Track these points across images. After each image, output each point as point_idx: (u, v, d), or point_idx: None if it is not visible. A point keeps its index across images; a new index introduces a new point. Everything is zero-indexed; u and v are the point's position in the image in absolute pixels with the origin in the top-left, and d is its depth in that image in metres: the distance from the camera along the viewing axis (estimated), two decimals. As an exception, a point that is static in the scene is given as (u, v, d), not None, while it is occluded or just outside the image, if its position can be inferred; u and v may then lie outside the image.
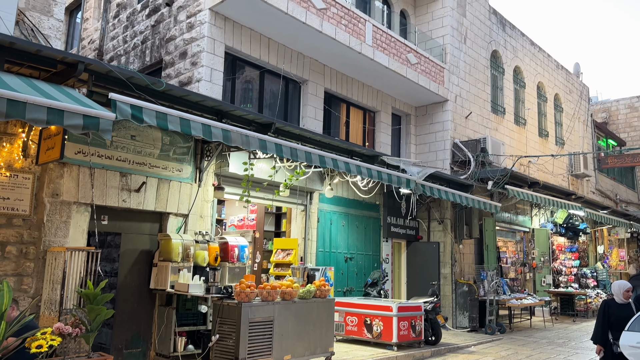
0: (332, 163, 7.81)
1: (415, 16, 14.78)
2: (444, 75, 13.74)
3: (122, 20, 11.54)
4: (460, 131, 14.06)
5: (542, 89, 18.88)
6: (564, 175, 19.12)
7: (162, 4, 10.29)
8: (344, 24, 10.64)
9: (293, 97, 11.21)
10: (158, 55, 10.24)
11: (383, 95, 13.30)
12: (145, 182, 7.12)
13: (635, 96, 27.73)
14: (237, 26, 9.68)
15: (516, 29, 17.50)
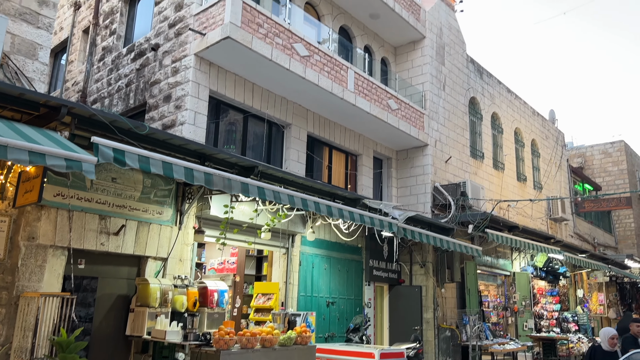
0: (314, 206, 7.84)
1: (395, 64, 15.23)
2: (424, 121, 14.05)
3: (107, 63, 11.66)
4: (440, 175, 14.28)
5: (519, 135, 19.39)
6: (543, 219, 19.40)
7: (148, 49, 10.46)
8: (326, 71, 10.90)
9: (276, 140, 11.32)
10: (142, 98, 10.31)
11: (365, 139, 13.52)
12: (124, 225, 7.04)
13: (609, 142, 28.62)
14: (222, 71, 9.85)
15: (493, 77, 18.11)
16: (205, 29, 9.25)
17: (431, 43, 14.91)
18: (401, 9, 13.83)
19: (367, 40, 14.31)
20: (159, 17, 10.48)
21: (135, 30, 11.59)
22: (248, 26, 9.19)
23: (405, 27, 14.28)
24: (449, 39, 15.82)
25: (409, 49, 15.06)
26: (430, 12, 15.16)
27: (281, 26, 9.92)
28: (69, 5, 13.67)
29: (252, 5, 9.33)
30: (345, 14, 13.56)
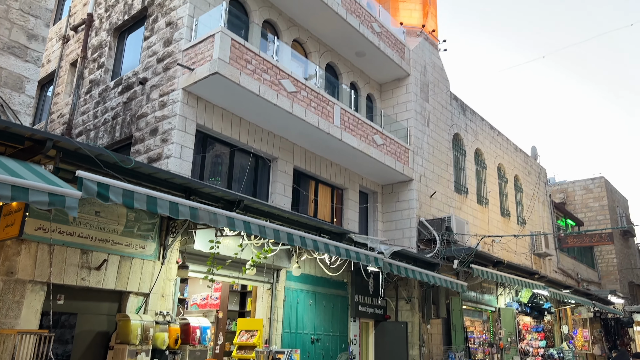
0: (300, 241, 7.80)
1: (381, 100, 15.50)
2: (408, 156, 14.22)
3: (94, 96, 11.69)
4: (425, 210, 14.37)
5: (502, 171, 19.68)
6: (527, 254, 19.51)
7: (136, 82, 10.52)
8: (313, 106, 11.05)
9: (262, 174, 11.34)
10: (128, 131, 10.31)
11: (351, 173, 13.60)
12: (106, 260, 6.92)
13: (589, 178, 29.17)
14: (210, 105, 9.93)
15: (476, 114, 18.50)
16: (194, 64, 9.36)
17: (415, 80, 15.24)
18: (386, 48, 14.17)
19: (353, 77, 14.58)
20: (148, 51, 10.60)
21: (124, 64, 11.68)
22: (236, 62, 9.33)
23: (391, 65, 14.61)
24: (432, 76, 16.19)
25: (394, 86, 15.37)
26: (415, 51, 15.56)
27: (269, 63, 10.08)
28: (57, 38, 13.76)
29: (241, 42, 9.49)
30: (332, 52, 13.85)
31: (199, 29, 9.81)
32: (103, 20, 12.42)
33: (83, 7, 13.34)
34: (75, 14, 13.61)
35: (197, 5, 10.12)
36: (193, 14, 10.01)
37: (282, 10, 12.28)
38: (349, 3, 13.05)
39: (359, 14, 13.43)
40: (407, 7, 16.57)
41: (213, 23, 9.57)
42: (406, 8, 16.55)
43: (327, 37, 13.37)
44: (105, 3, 12.55)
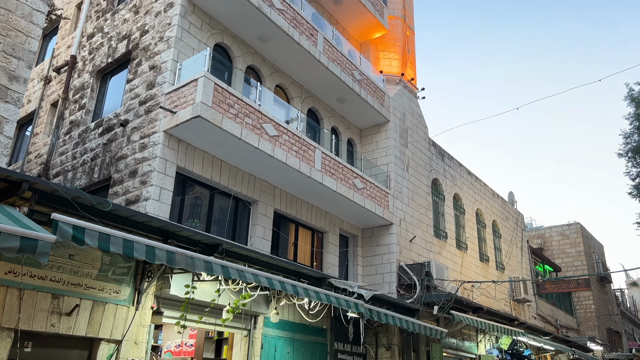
0: (279, 285, 7.69)
1: (361, 144, 15.72)
2: (388, 200, 14.32)
3: (74, 137, 11.61)
4: (405, 254, 14.36)
5: (480, 216, 19.91)
6: (506, 300, 19.49)
7: (117, 124, 10.51)
8: (294, 150, 11.14)
9: (242, 216, 11.26)
10: (107, 172, 10.21)
11: (331, 217, 13.60)
12: (78, 305, 6.69)
13: (566, 224, 29.64)
14: (191, 148, 9.94)
15: (454, 159, 18.84)
16: (176, 107, 9.42)
17: (395, 127, 15.55)
18: (367, 95, 14.50)
19: (334, 122, 14.82)
20: (130, 94, 10.65)
21: (105, 106, 11.69)
22: (219, 106, 9.42)
23: (371, 111, 14.91)
24: (411, 123, 16.55)
25: (374, 132, 15.63)
26: (394, 98, 15.94)
27: (251, 107, 10.21)
28: (39, 79, 13.77)
29: (224, 86, 9.62)
30: (314, 97, 14.11)
31: (182, 73, 9.94)
32: (86, 62, 12.50)
33: (67, 49, 13.44)
34: (59, 56, 13.69)
35: (181, 50, 10.29)
36: (177, 58, 10.16)
37: (265, 57, 12.55)
38: (330, 51, 13.41)
39: (340, 62, 13.79)
40: (387, 56, 17.09)
41: (197, 68, 9.72)
42: (386, 57, 17.07)
43: (310, 83, 13.64)
44: (90, 46, 12.67)
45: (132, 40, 11.35)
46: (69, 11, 14.46)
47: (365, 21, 16.17)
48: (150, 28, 10.93)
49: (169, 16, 10.56)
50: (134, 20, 11.58)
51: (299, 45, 12.13)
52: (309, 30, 12.64)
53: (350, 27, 16.41)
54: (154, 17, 10.96)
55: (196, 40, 10.69)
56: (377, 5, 16.39)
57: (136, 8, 11.69)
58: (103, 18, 12.70)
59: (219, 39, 11.37)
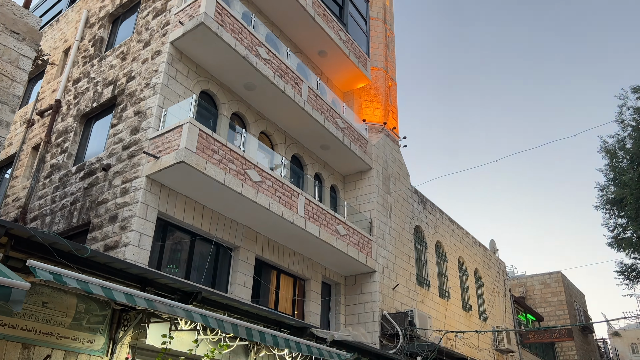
0: (259, 336, 7.50)
1: (344, 191, 15.80)
2: (371, 247, 14.28)
3: (54, 180, 11.48)
4: (388, 302, 14.19)
5: (463, 264, 19.91)
6: (490, 350, 19.24)
7: (99, 169, 10.44)
8: (278, 196, 11.14)
9: (223, 263, 11.09)
10: (87, 217, 10.05)
11: (314, 263, 13.47)
12: (49, 355, 6.42)
13: (547, 272, 29.76)
14: (173, 193, 9.88)
15: (436, 207, 19.00)
16: (160, 153, 9.42)
17: (377, 174, 15.71)
18: (350, 142, 14.71)
19: (318, 169, 14.93)
20: (114, 138, 10.65)
21: (88, 150, 11.65)
22: (203, 152, 9.45)
23: (354, 158, 15.08)
24: (394, 170, 16.75)
25: (357, 178, 15.76)
26: (377, 146, 16.19)
27: (236, 153, 10.26)
28: (21, 122, 13.71)
29: (208, 133, 9.69)
30: (298, 144, 14.26)
31: (167, 119, 10.00)
32: (71, 106, 12.53)
33: (52, 93, 13.49)
34: (43, 99, 13.71)
35: (167, 97, 10.39)
36: (162, 104, 10.25)
37: (251, 104, 12.74)
38: (315, 100, 13.68)
39: (325, 110, 14.04)
40: (370, 105, 17.48)
41: (182, 114, 9.80)
42: (369, 107, 17.45)
43: (294, 130, 13.82)
44: (75, 90, 12.74)
45: (118, 86, 11.45)
46: (56, 56, 14.60)
47: (349, 72, 16.61)
48: (136, 74, 11.07)
49: (156, 63, 10.73)
50: (121, 66, 11.73)
51: (284, 94, 12.36)
52: (294, 79, 12.92)
53: (334, 77, 16.83)
54: (141, 64, 11.12)
55: (182, 87, 10.83)
56: (360, 57, 16.90)
57: (124, 55, 11.87)
58: (90, 64, 12.84)
59: (205, 86, 11.54)
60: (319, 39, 15.19)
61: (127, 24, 13.01)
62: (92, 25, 13.81)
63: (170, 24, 11.05)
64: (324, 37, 15.16)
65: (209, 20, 10.42)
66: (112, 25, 13.51)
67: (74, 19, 14.79)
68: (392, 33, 19.64)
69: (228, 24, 11.04)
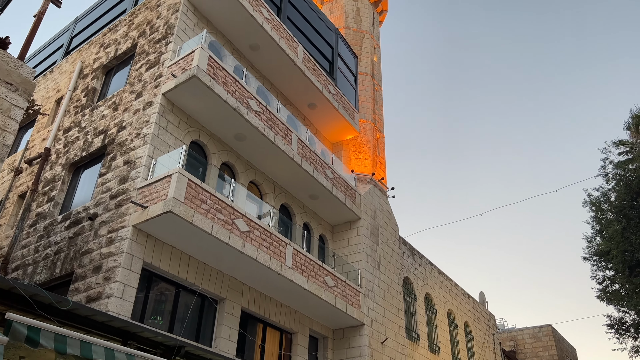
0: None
1: (333, 241, 15.73)
2: (360, 299, 14.08)
3: (39, 229, 11.32)
4: (377, 357, 13.85)
5: (452, 316, 19.64)
6: (482, 407, 18.68)
7: (85, 218, 10.35)
8: (265, 246, 11.06)
9: (208, 315, 10.84)
10: (70, 267, 9.87)
11: (301, 316, 13.21)
12: (22, 415, 6.13)
13: (537, 326, 29.40)
14: (159, 243, 9.77)
15: (424, 258, 18.93)
16: (148, 202, 9.39)
17: (366, 224, 15.72)
18: (338, 192, 14.80)
19: (307, 218, 14.91)
20: (102, 187, 10.62)
21: (75, 199, 11.57)
22: (191, 202, 9.44)
23: (342, 208, 15.12)
24: (382, 221, 16.78)
25: (345, 228, 15.74)
26: (365, 196, 16.28)
27: (224, 203, 10.25)
28: (9, 170, 13.66)
29: (197, 182, 9.71)
30: (287, 194, 14.30)
31: (157, 169, 10.03)
32: (60, 155, 12.55)
33: (42, 142, 13.53)
34: (33, 148, 13.73)
35: (157, 147, 10.47)
36: (152, 154, 10.31)
37: (241, 154, 12.85)
38: (304, 151, 13.85)
39: (314, 160, 14.19)
40: (358, 156, 17.71)
41: (172, 164, 9.85)
42: (357, 157, 17.68)
43: (283, 180, 13.90)
44: (65, 139, 12.80)
45: (108, 136, 11.53)
46: (47, 105, 14.75)
47: (338, 124, 16.93)
48: (128, 124, 11.18)
49: (147, 114, 10.87)
50: (113, 116, 11.86)
51: (274, 145, 12.51)
52: (284, 130, 13.13)
53: (323, 128, 17.12)
54: (132, 114, 11.26)
55: (173, 138, 10.94)
56: (349, 110, 17.27)
57: (115, 105, 12.03)
58: (81, 113, 12.97)
59: (196, 136, 11.66)
60: (309, 92, 15.55)
61: (120, 76, 13.25)
62: (85, 76, 14.05)
63: (163, 76, 11.28)
64: (313, 91, 15.53)
65: (201, 74, 10.67)
66: (106, 76, 13.76)
67: (68, 69, 15.05)
68: (380, 87, 20.19)
69: (220, 77, 11.30)
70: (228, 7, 12.77)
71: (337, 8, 21.09)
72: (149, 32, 12.72)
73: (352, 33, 20.30)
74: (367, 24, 20.87)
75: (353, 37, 20.21)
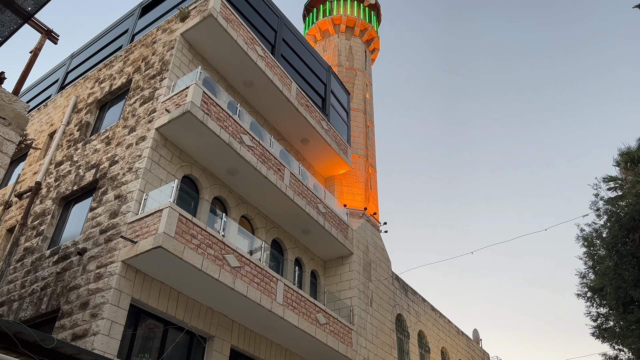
0: None
1: (325, 277, 15.58)
2: (352, 337, 13.85)
3: (26, 264, 11.16)
4: (369, 397, 13.52)
5: (446, 355, 19.32)
6: None
7: (74, 253, 10.22)
8: (256, 282, 10.93)
9: (196, 353, 10.59)
10: (56, 303, 9.68)
11: (292, 354, 12.94)
12: None
13: (532, 363, 28.89)
14: (148, 279, 9.64)
15: (417, 294, 18.75)
16: (138, 237, 9.31)
17: (358, 259, 15.62)
18: (331, 227, 14.75)
19: (298, 253, 14.80)
20: (92, 222, 10.54)
21: (64, 233, 11.45)
22: (181, 237, 9.37)
23: (335, 244, 15.04)
24: (375, 256, 16.69)
25: (337, 264, 15.62)
26: (358, 231, 16.24)
27: (215, 237, 10.18)
28: (-1, 203, 13.55)
29: (188, 217, 9.67)
30: (279, 228, 14.24)
31: (148, 203, 9.99)
32: (51, 189, 12.49)
33: (33, 176, 13.48)
34: (24, 181, 13.66)
35: (148, 181, 10.46)
36: (144, 188, 10.29)
37: (233, 188, 12.85)
38: (296, 185, 13.87)
39: (306, 195, 14.20)
40: (351, 191, 17.76)
41: (163, 198, 9.82)
42: (349, 192, 17.72)
43: (275, 215, 13.86)
44: (57, 173, 12.77)
45: (100, 170, 11.52)
46: (40, 139, 14.77)
47: (331, 159, 17.03)
48: (120, 159, 11.19)
49: (140, 148, 10.90)
50: (105, 150, 11.88)
51: (266, 179, 12.54)
52: (277, 165, 13.18)
53: (316, 163, 17.21)
54: (125, 149, 11.29)
55: (165, 172, 10.95)
56: (341, 145, 17.42)
57: (108, 139, 12.07)
58: (74, 147, 12.99)
59: (188, 171, 11.68)
60: (302, 127, 15.70)
61: (114, 110, 13.35)
62: (79, 110, 14.14)
63: (156, 111, 11.38)
64: (306, 126, 15.69)
65: (195, 109, 10.77)
66: (100, 111, 13.86)
67: (62, 104, 15.15)
68: (372, 123, 20.44)
69: (214, 112, 11.42)
70: (223, 45, 13.01)
71: (330, 46, 21.55)
72: (144, 68, 12.90)
73: (345, 70, 20.68)
74: (360, 62, 21.30)
75: (346, 74, 20.58)
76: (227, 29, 12.75)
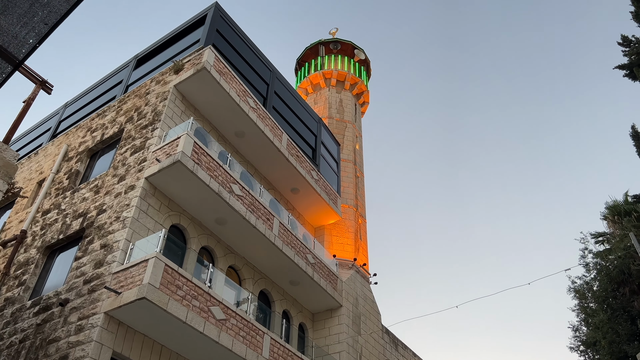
0: None
1: (313, 330, 15.23)
2: (341, 394, 13.39)
3: (6, 315, 10.84)
4: None
5: (438, 412, 18.67)
6: None
7: (56, 303, 9.97)
8: (242, 335, 10.66)
9: (179, 411, 10.17)
10: (35, 356, 9.34)
11: (278, 413, 12.44)
12: None
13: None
14: (131, 331, 9.38)
15: (408, 349, 18.31)
16: (122, 288, 9.13)
17: (348, 312, 15.34)
18: (320, 278, 14.57)
19: (286, 305, 14.53)
20: (76, 272, 10.34)
21: (47, 283, 11.21)
22: (167, 288, 9.20)
23: (324, 295, 14.80)
24: (364, 308, 16.40)
25: (326, 316, 15.32)
26: (347, 283, 16.03)
27: (200, 289, 10.00)
28: (-18, 251, 13.29)
29: (174, 268, 9.53)
30: (267, 279, 14.04)
31: (134, 253, 9.86)
32: (36, 237, 12.32)
33: (18, 224, 13.32)
34: (9, 229, 13.49)
35: (136, 231, 10.37)
36: (130, 238, 10.18)
37: (221, 238, 12.75)
38: (285, 235, 13.80)
39: (295, 245, 14.10)
40: (340, 241, 17.67)
41: (150, 248, 9.71)
42: (339, 242, 17.63)
43: (263, 265, 13.70)
44: (43, 221, 12.63)
45: (87, 219, 11.43)
46: (29, 187, 14.70)
47: (321, 209, 17.03)
48: (108, 207, 11.13)
49: (128, 197, 10.87)
50: (93, 199, 11.83)
51: (255, 229, 12.47)
52: (266, 215, 13.15)
53: (306, 213, 17.20)
54: (113, 198, 11.25)
55: (153, 221, 10.87)
56: (331, 195, 17.48)
57: (97, 188, 12.04)
58: (62, 195, 12.93)
59: (176, 220, 11.61)
60: (292, 177, 15.80)
61: (104, 159, 13.40)
62: (70, 158, 14.17)
63: (147, 160, 11.43)
64: (297, 176, 15.79)
65: (185, 159, 10.85)
66: (90, 159, 13.90)
67: (53, 152, 15.19)
68: (361, 174, 20.62)
69: (204, 162, 11.49)
70: (216, 97, 13.27)
71: (321, 99, 22.04)
72: (137, 118, 13.06)
73: (335, 122, 21.06)
74: (350, 115, 21.73)
75: (336, 126, 20.94)
76: (220, 82, 13.04)
